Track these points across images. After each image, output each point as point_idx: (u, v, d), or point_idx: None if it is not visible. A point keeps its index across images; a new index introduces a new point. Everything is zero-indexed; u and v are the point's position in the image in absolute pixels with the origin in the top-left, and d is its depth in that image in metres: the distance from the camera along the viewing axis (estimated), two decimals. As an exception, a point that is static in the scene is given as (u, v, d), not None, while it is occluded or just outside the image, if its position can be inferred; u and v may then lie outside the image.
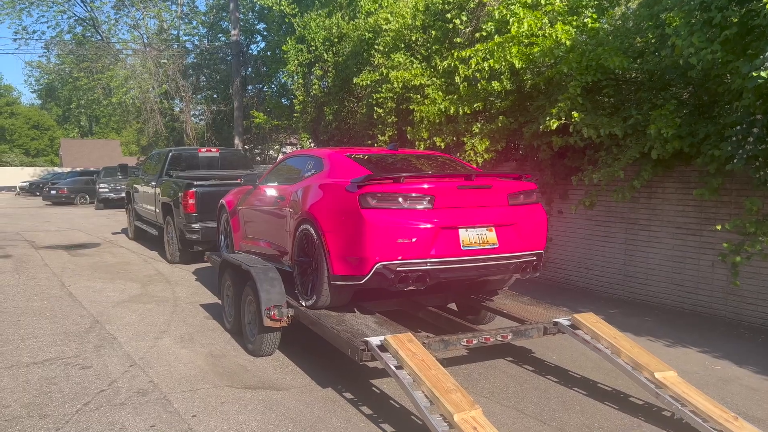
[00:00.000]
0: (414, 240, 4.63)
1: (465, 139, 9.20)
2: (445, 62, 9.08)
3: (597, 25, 8.28)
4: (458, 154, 9.14)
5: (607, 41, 7.88)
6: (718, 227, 6.11)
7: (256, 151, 26.25)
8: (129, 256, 11.93)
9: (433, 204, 4.76)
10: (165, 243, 11.30)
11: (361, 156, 5.82)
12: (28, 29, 37.49)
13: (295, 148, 27.66)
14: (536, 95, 8.85)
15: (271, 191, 6.51)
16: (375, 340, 4.35)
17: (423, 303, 5.97)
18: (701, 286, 7.08)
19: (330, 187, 5.23)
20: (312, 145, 15.94)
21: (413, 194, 4.73)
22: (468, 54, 8.39)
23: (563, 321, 5.05)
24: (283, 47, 16.75)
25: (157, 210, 11.73)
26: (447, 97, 9.52)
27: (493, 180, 5.13)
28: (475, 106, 8.79)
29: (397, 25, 11.19)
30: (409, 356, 4.07)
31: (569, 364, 5.56)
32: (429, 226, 4.67)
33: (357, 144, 13.98)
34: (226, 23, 28.11)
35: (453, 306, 6.67)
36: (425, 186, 4.77)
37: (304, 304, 5.38)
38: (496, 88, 8.57)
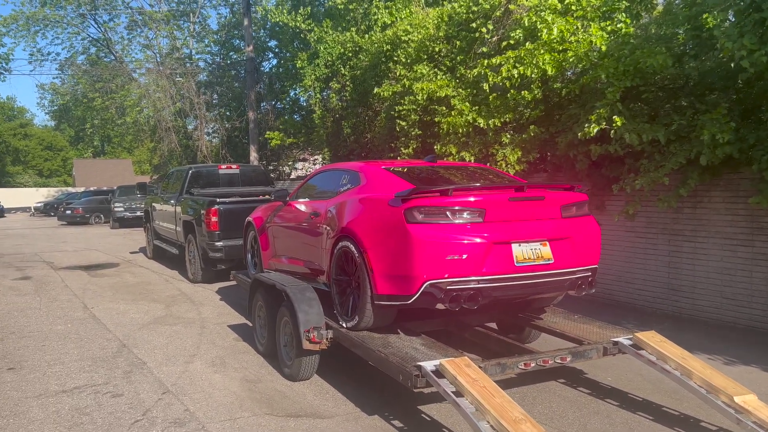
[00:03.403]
0: (465, 256, 4.36)
1: (494, 149, 8.94)
2: (474, 70, 8.83)
3: (631, 30, 8.03)
4: (488, 165, 8.86)
5: (642, 45, 7.63)
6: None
7: (270, 167, 26.13)
8: (149, 275, 11.72)
9: (483, 218, 4.48)
10: (186, 262, 11.08)
11: (400, 169, 5.56)
12: (42, 51, 37.74)
13: (310, 164, 27.50)
14: (566, 104, 8.59)
15: (303, 207, 6.27)
16: (429, 365, 4.06)
17: (467, 322, 5.68)
18: (756, 300, 6.73)
19: (371, 202, 4.98)
20: (330, 160, 15.70)
21: (463, 208, 4.46)
22: (499, 61, 8.14)
23: (624, 340, 4.73)
24: (297, 63, 16.63)
25: (177, 228, 11.52)
26: (474, 108, 9.28)
27: (545, 191, 4.84)
28: (505, 117, 8.54)
29: (419, 37, 11.00)
30: (470, 383, 3.77)
31: (626, 385, 5.23)
32: (480, 241, 4.39)
33: (377, 157, 13.75)
34: (237, 41, 28.15)
35: (492, 324, 6.37)
36: (475, 199, 4.49)
37: (344, 325, 5.10)
38: (526, 97, 8.32)
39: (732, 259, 6.93)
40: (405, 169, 5.56)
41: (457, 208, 4.45)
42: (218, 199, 10.06)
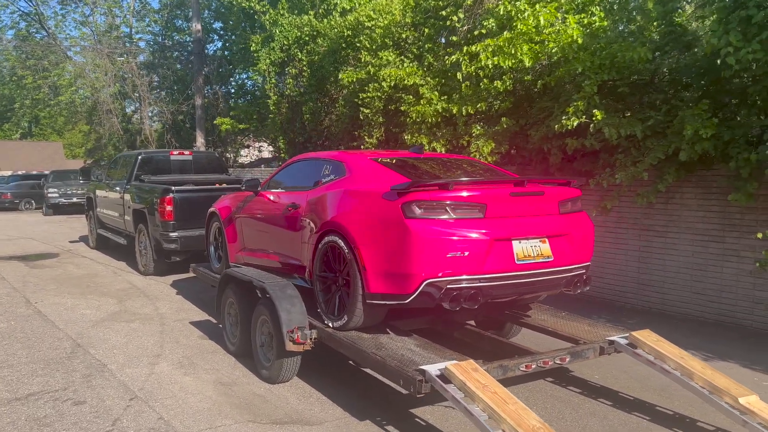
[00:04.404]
0: (466, 254, 4.15)
1: (465, 140, 8.79)
2: (453, 57, 8.61)
3: (605, 23, 8.01)
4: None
5: (615, 39, 7.63)
6: (760, 235, 5.85)
7: (216, 153, 25.18)
8: (95, 267, 11.01)
9: (484, 213, 4.28)
10: (137, 253, 10.45)
11: (388, 159, 5.30)
12: (-35, 24, 35.17)
13: (255, 150, 26.69)
14: (536, 97, 8.52)
15: (279, 198, 5.92)
16: (433, 370, 3.83)
17: (454, 320, 5.48)
18: (725, 295, 6.84)
19: (362, 195, 4.70)
20: (286, 148, 15.20)
21: (464, 202, 4.25)
22: (478, 48, 7.96)
23: (620, 339, 4.64)
24: (252, 47, 16.01)
25: (126, 218, 10.86)
26: (443, 98, 9.10)
27: (544, 186, 4.69)
28: (478, 106, 8.38)
29: (385, 22, 10.70)
30: (480, 389, 3.57)
31: (615, 384, 5.16)
32: (482, 237, 4.19)
33: (336, 146, 13.43)
34: (180, 21, 27.01)
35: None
36: (476, 193, 4.29)
37: (331, 325, 4.81)
38: (498, 88, 8.19)
39: (703, 255, 7.02)
40: (393, 160, 5.30)
41: (457, 202, 4.23)
42: (173, 187, 9.50)
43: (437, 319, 5.35)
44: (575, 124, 6.93)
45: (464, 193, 4.26)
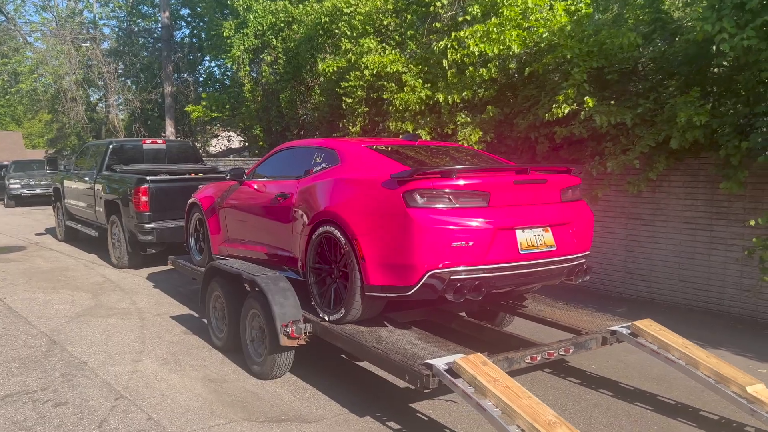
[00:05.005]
0: (470, 244, 4.01)
1: (449, 128, 8.67)
2: (441, 43, 8.45)
3: (590, 11, 7.95)
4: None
5: (603, 26, 7.58)
6: (752, 222, 5.86)
7: (190, 143, 24.53)
8: (65, 260, 10.60)
9: (488, 202, 4.15)
10: (109, 245, 10.08)
11: (383, 147, 5.13)
12: None
13: (224, 140, 26.15)
14: (521, 85, 8.43)
15: (266, 187, 5.70)
16: (440, 364, 3.69)
17: (448, 310, 5.37)
18: (712, 283, 6.87)
19: (359, 183, 4.52)
20: (264, 136, 14.88)
21: (467, 191, 4.11)
22: (467, 34, 7.82)
23: (621, 329, 4.58)
24: (224, 33, 15.61)
25: (98, 208, 10.46)
26: (426, 85, 8.95)
27: (546, 174, 4.59)
28: (463, 94, 8.26)
29: (366, 8, 10.48)
30: (491, 383, 3.45)
31: (613, 374, 5.11)
32: (486, 227, 4.06)
33: (312, 135, 13.20)
34: (146, 7, 26.22)
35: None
36: (480, 181, 4.16)
37: (327, 318, 4.65)
38: (484, 75, 8.08)
39: (691, 243, 7.03)
40: (389, 148, 5.13)
41: (460, 191, 4.09)
42: (149, 177, 9.15)
43: (431, 310, 5.22)
44: (566, 111, 6.85)
45: (467, 182, 4.12)
